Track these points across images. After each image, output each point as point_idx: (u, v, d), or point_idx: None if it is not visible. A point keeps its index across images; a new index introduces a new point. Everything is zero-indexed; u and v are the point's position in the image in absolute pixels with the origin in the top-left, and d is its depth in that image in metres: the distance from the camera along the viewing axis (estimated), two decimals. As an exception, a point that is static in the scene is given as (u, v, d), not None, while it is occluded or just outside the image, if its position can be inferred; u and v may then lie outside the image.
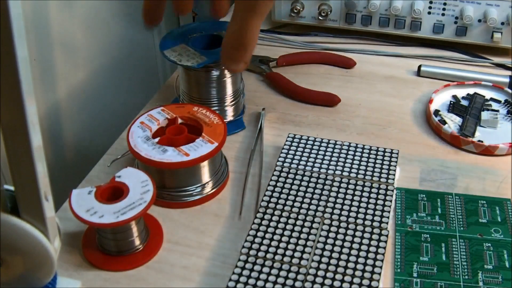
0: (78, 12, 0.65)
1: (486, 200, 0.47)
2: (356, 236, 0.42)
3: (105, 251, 0.43)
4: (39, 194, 0.32)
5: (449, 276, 0.40)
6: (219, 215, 0.47)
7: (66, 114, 0.65)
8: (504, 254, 0.42)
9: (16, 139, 0.30)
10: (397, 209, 0.46)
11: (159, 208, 0.48)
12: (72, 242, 0.44)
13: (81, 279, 0.41)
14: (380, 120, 0.58)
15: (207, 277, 0.42)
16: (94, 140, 0.72)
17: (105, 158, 0.54)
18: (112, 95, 0.76)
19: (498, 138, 0.54)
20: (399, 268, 0.41)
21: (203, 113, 0.51)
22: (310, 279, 0.39)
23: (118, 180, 0.42)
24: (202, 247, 0.44)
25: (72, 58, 0.65)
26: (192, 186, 0.48)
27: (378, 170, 0.48)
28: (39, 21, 0.58)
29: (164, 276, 0.42)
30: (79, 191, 0.41)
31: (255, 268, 0.39)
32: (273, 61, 0.67)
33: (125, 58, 0.78)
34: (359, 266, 0.39)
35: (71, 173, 0.67)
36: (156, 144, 0.47)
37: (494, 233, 0.44)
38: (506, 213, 0.45)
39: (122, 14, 0.75)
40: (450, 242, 0.43)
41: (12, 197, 0.33)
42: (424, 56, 0.69)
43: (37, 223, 0.33)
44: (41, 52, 0.59)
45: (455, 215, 0.46)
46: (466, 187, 0.49)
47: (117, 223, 0.39)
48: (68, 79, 0.65)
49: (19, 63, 0.27)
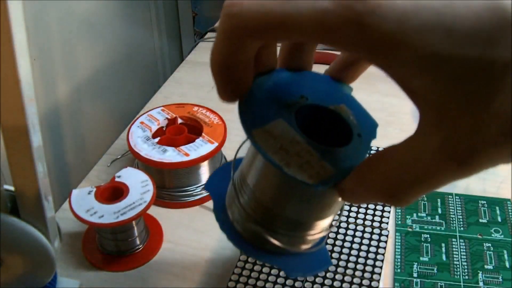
0: (78, 12, 0.65)
1: (486, 200, 0.47)
2: (356, 236, 0.42)
3: (105, 251, 0.43)
4: (39, 194, 0.32)
5: (449, 276, 0.40)
6: (219, 215, 0.47)
7: (66, 114, 0.65)
8: (504, 254, 0.42)
9: (16, 139, 0.30)
10: (397, 209, 0.46)
11: (159, 208, 0.48)
12: (72, 242, 0.44)
13: (81, 279, 0.41)
14: (380, 120, 0.58)
15: (207, 277, 0.42)
16: (94, 140, 0.72)
17: (105, 158, 0.54)
18: (112, 95, 0.76)
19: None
20: (399, 268, 0.41)
21: (203, 113, 0.51)
22: (310, 279, 0.39)
23: (118, 180, 0.42)
24: (202, 247, 0.44)
25: (73, 58, 0.65)
26: (192, 186, 0.48)
27: (378, 170, 0.48)
28: (39, 21, 0.58)
29: (164, 276, 0.42)
30: (79, 191, 0.41)
31: (255, 268, 0.39)
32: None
33: (125, 58, 0.78)
34: (359, 266, 0.39)
35: (71, 173, 0.67)
36: (156, 144, 0.47)
37: (494, 233, 0.44)
38: (506, 213, 0.45)
39: (122, 14, 0.75)
40: (450, 242, 0.43)
41: (12, 197, 0.33)
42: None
43: (37, 223, 0.33)
44: (41, 52, 0.59)
45: (455, 215, 0.45)
46: (466, 187, 0.49)
47: (117, 223, 0.39)
48: (68, 79, 0.65)
49: (19, 63, 0.27)
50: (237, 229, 0.30)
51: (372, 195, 0.24)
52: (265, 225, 0.28)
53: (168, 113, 0.51)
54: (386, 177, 0.23)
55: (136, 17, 0.80)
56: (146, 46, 0.85)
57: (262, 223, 0.28)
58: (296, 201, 0.27)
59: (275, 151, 0.25)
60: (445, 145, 0.21)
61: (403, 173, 0.23)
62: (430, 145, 0.21)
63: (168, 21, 0.90)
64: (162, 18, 0.88)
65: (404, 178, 0.23)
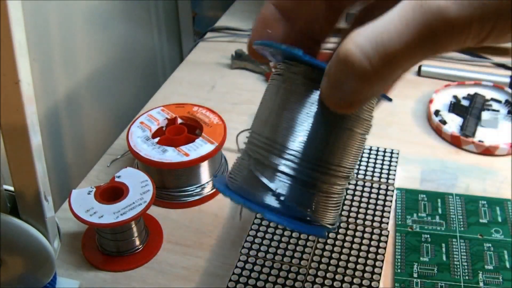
0: (78, 12, 0.65)
1: (487, 200, 0.47)
2: (356, 236, 0.42)
3: (105, 251, 0.43)
4: (39, 194, 0.32)
5: (450, 276, 0.40)
6: (219, 215, 0.47)
7: (66, 114, 0.65)
8: (504, 255, 0.42)
9: (16, 139, 0.30)
10: (398, 209, 0.46)
11: (159, 208, 0.48)
12: (72, 242, 0.44)
13: (80, 279, 0.41)
14: (380, 120, 0.58)
15: (207, 277, 0.42)
16: (94, 140, 0.72)
17: (105, 158, 0.54)
18: (112, 95, 0.76)
19: (498, 138, 0.54)
20: (400, 268, 0.41)
21: (203, 113, 0.51)
22: (310, 279, 0.39)
23: (118, 180, 0.42)
24: (202, 247, 0.44)
25: (72, 58, 0.65)
26: (192, 186, 0.48)
27: (378, 170, 0.48)
28: (39, 21, 0.58)
29: (164, 276, 0.42)
30: (79, 191, 0.41)
31: (255, 268, 0.39)
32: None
33: (125, 58, 0.78)
34: (359, 266, 0.39)
35: (71, 173, 0.67)
36: (156, 144, 0.47)
37: (495, 233, 0.44)
38: (507, 214, 0.45)
39: (121, 14, 0.75)
40: (451, 242, 0.43)
41: (12, 197, 0.33)
42: (425, 56, 0.69)
43: (36, 223, 0.33)
44: (41, 52, 0.59)
45: (455, 215, 0.45)
46: (467, 187, 0.49)
47: (117, 223, 0.39)
48: (68, 79, 0.65)
49: (19, 63, 0.27)
50: (235, 180, 0.28)
51: (347, 64, 0.22)
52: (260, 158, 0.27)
53: (168, 113, 0.51)
54: (367, 37, 0.22)
55: (136, 17, 0.80)
56: (146, 46, 0.85)
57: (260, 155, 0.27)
58: (294, 111, 0.26)
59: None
60: None
61: (386, 31, 0.22)
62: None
63: (168, 21, 0.90)
64: (162, 18, 0.88)
65: (387, 36, 0.22)
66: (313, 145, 0.26)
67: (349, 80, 0.23)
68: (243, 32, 0.76)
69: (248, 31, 0.75)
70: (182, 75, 0.68)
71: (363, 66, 0.22)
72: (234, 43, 0.74)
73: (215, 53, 0.71)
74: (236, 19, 0.79)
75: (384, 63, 0.22)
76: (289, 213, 0.27)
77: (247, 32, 0.75)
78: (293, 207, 0.27)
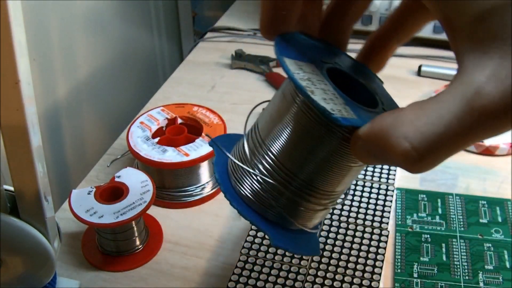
0: (78, 12, 0.65)
1: (487, 200, 0.47)
2: (356, 236, 0.42)
3: (105, 251, 0.43)
4: (39, 194, 0.32)
5: (450, 276, 0.40)
6: (219, 215, 0.47)
7: (66, 114, 0.65)
8: (504, 255, 0.42)
9: (16, 139, 0.30)
10: (398, 209, 0.46)
11: (159, 208, 0.48)
12: (72, 242, 0.44)
13: (80, 279, 0.41)
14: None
15: (207, 278, 0.42)
16: (94, 140, 0.72)
17: (105, 158, 0.54)
18: (112, 95, 0.76)
19: (498, 138, 0.54)
20: (400, 268, 0.41)
21: (203, 113, 0.51)
22: (310, 279, 0.39)
23: (118, 180, 0.42)
24: (202, 247, 0.44)
25: (72, 58, 0.65)
26: (192, 186, 0.48)
27: (378, 170, 0.48)
28: (39, 21, 0.58)
29: (164, 276, 0.42)
30: (79, 191, 0.41)
31: (255, 268, 0.39)
32: (273, 61, 0.67)
33: (125, 58, 0.78)
34: (359, 266, 0.39)
35: (71, 173, 0.67)
36: (156, 144, 0.47)
37: (495, 233, 0.44)
38: (507, 214, 0.45)
39: (121, 14, 0.75)
40: (451, 242, 0.43)
41: (12, 197, 0.33)
42: (425, 56, 0.69)
43: (36, 224, 0.33)
44: (41, 52, 0.59)
45: (455, 215, 0.45)
46: (467, 187, 0.49)
47: (117, 223, 0.39)
48: (68, 79, 0.65)
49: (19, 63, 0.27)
50: (239, 190, 0.29)
51: (390, 149, 0.22)
52: (265, 180, 0.28)
53: (168, 113, 0.51)
54: (414, 127, 0.21)
55: (136, 17, 0.80)
56: (146, 46, 0.85)
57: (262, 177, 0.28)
58: (307, 145, 0.26)
59: (302, 79, 0.24)
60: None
61: (434, 123, 0.21)
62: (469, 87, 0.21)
63: (167, 21, 0.90)
64: (162, 18, 0.88)
65: (434, 129, 0.21)
66: (330, 184, 0.28)
67: (391, 160, 0.23)
68: (243, 32, 0.76)
69: (248, 31, 0.75)
70: (182, 75, 0.68)
71: (412, 156, 0.21)
72: (234, 43, 0.74)
73: (215, 53, 0.71)
74: (236, 19, 0.79)
75: (434, 156, 0.22)
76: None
77: (247, 32, 0.75)
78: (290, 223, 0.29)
